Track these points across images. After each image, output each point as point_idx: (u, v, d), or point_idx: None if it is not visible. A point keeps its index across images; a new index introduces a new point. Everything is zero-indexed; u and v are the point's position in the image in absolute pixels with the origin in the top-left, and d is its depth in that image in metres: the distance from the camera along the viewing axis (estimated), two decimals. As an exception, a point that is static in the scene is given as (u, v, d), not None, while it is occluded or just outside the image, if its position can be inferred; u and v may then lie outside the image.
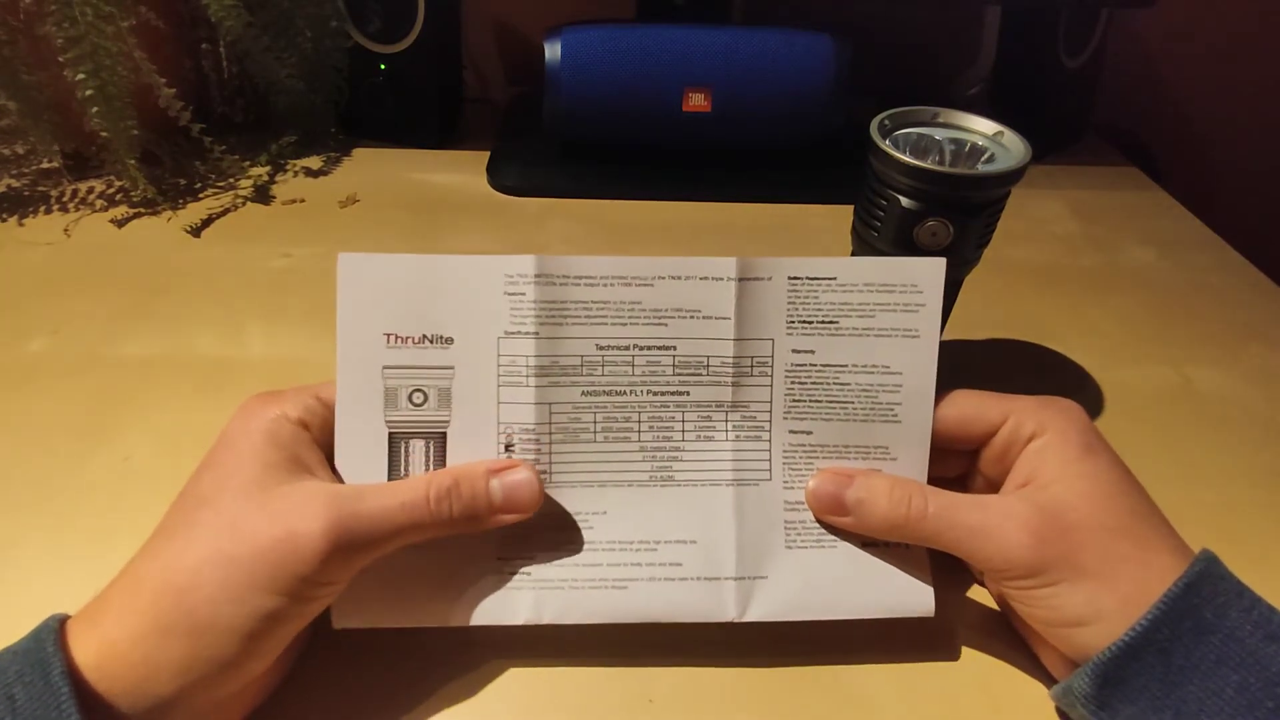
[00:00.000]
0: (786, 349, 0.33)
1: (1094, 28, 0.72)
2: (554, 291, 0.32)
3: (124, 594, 0.27)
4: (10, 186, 0.63)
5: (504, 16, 0.82)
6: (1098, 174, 0.73)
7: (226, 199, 0.63)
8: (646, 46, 0.63)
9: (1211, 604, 0.28)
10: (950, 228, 0.37)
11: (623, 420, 0.32)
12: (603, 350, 0.32)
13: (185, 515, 0.29)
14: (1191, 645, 0.27)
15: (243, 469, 0.29)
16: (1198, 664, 0.27)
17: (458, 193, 0.65)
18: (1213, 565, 0.29)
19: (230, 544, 0.27)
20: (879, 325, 0.33)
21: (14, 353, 0.47)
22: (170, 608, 0.26)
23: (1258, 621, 0.27)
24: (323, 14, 0.65)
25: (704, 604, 0.31)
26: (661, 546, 0.32)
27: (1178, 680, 0.27)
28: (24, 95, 0.58)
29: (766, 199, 0.66)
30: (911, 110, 0.41)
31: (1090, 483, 0.30)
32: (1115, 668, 0.28)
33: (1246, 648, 0.27)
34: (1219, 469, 0.44)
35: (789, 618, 0.31)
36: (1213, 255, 0.63)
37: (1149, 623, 0.27)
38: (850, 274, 0.33)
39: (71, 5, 0.53)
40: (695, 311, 0.33)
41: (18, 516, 0.38)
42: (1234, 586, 0.28)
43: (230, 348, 0.48)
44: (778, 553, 0.32)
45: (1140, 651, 0.27)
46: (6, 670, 0.25)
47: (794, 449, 0.33)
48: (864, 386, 0.33)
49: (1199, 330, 0.54)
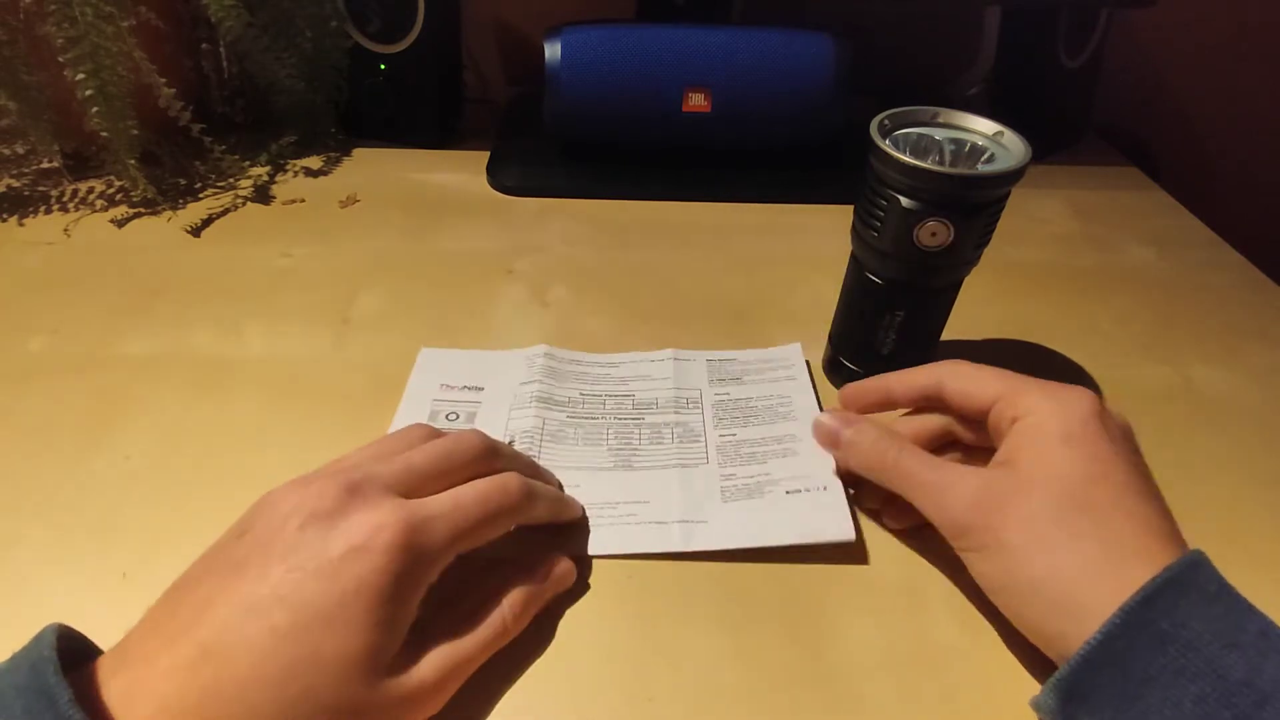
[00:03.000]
0: (711, 393, 0.46)
1: (1094, 28, 0.72)
2: (555, 363, 0.48)
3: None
4: (10, 186, 0.63)
5: (504, 16, 0.82)
6: (1098, 174, 0.73)
7: (226, 199, 0.63)
8: (646, 46, 0.63)
9: (1171, 615, 0.28)
10: (950, 228, 0.37)
11: (596, 434, 0.44)
12: (584, 395, 0.46)
13: (300, 677, 0.27)
14: (1150, 657, 0.27)
15: (367, 644, 0.28)
16: (1156, 675, 0.27)
17: (458, 192, 0.66)
18: (1185, 573, 0.28)
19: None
20: (769, 377, 0.47)
21: (14, 353, 0.47)
22: None
23: (1219, 631, 0.27)
24: (323, 14, 0.65)
25: (654, 539, 0.38)
26: (621, 504, 0.40)
27: (1138, 692, 0.27)
28: (24, 95, 0.58)
29: (766, 199, 0.66)
30: (911, 110, 0.40)
31: (1052, 470, 0.32)
32: (1075, 682, 0.28)
33: (1204, 657, 0.27)
34: (1219, 469, 0.44)
35: (725, 545, 0.38)
36: (1213, 255, 0.63)
37: (1104, 636, 0.28)
38: (745, 356, 0.49)
39: (71, 5, 0.53)
40: (646, 376, 0.47)
41: (17, 516, 0.38)
42: (1207, 593, 0.28)
43: (230, 347, 0.48)
44: (716, 504, 0.40)
45: (1098, 665, 0.28)
46: (12, 707, 0.24)
47: (724, 444, 0.43)
48: (767, 406, 0.45)
49: (1199, 330, 0.54)
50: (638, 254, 0.59)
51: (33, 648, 0.25)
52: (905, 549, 0.38)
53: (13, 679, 0.24)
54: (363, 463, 0.32)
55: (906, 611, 0.36)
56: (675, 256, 0.59)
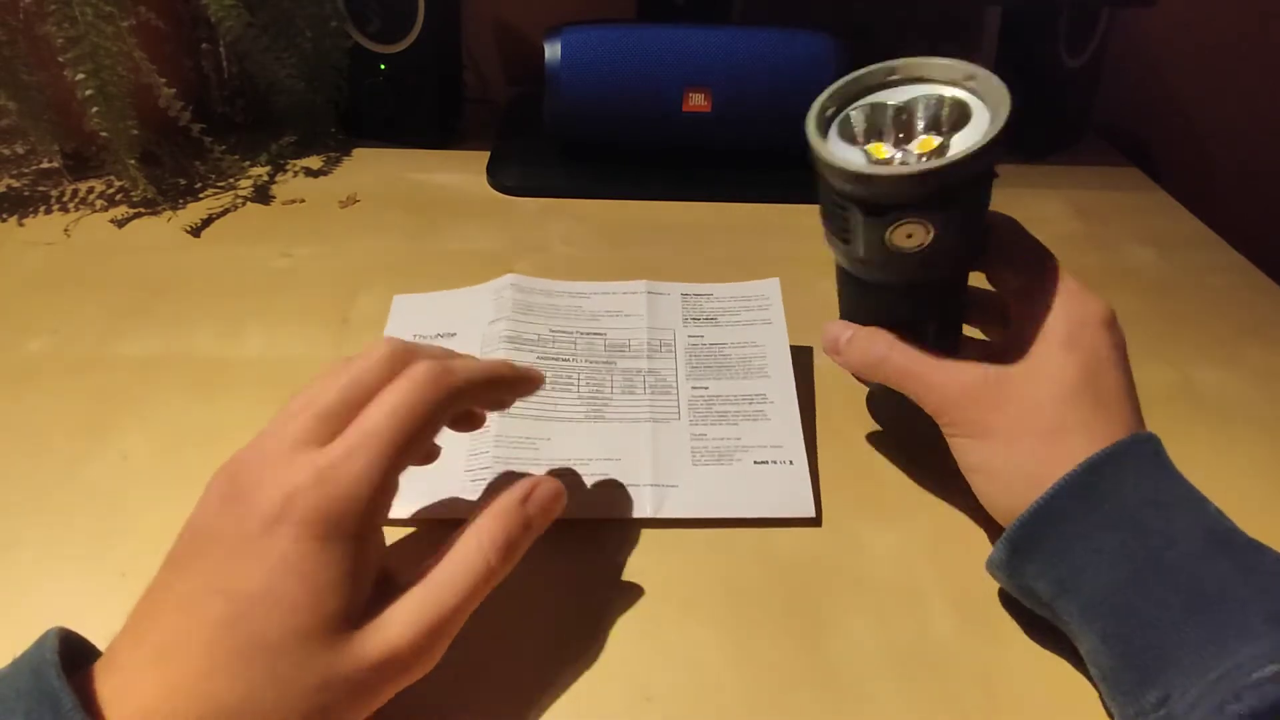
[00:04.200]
0: (684, 335, 0.47)
1: (1094, 27, 0.72)
2: (523, 295, 0.48)
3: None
4: (10, 186, 0.63)
5: (504, 16, 0.82)
6: (1098, 174, 0.73)
7: (226, 199, 0.63)
8: (646, 46, 0.63)
9: (1111, 479, 0.32)
10: (928, 227, 0.32)
11: (566, 378, 0.43)
12: (554, 333, 0.46)
13: (262, 663, 0.25)
14: (1085, 515, 0.31)
15: (328, 614, 0.26)
16: (1089, 531, 0.31)
17: (458, 193, 0.66)
18: (1132, 448, 0.32)
19: (337, 699, 0.26)
20: (744, 319, 0.48)
21: (14, 353, 0.47)
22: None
23: (1149, 495, 0.31)
24: (323, 14, 0.65)
25: (625, 504, 0.39)
26: (593, 462, 0.40)
27: (1071, 545, 0.31)
28: (24, 95, 0.58)
29: (766, 199, 0.66)
30: (862, 76, 0.34)
31: (1042, 371, 0.34)
32: (1020, 535, 0.32)
33: (1129, 512, 0.31)
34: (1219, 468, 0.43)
35: (693, 514, 0.39)
36: (1213, 255, 0.63)
37: (1047, 497, 0.32)
38: (721, 291, 0.50)
39: (71, 5, 0.53)
40: (618, 312, 0.47)
41: (17, 516, 0.38)
42: (1144, 468, 0.32)
43: (230, 348, 0.48)
44: (686, 468, 0.40)
45: (1039, 521, 0.32)
46: (14, 712, 0.23)
47: (696, 399, 0.43)
48: (741, 356, 0.45)
49: (1199, 330, 0.54)
50: (638, 254, 0.59)
51: (34, 652, 0.25)
52: (906, 549, 0.38)
53: (15, 683, 0.24)
54: (275, 425, 0.30)
55: (906, 611, 0.36)
56: (675, 256, 0.59)
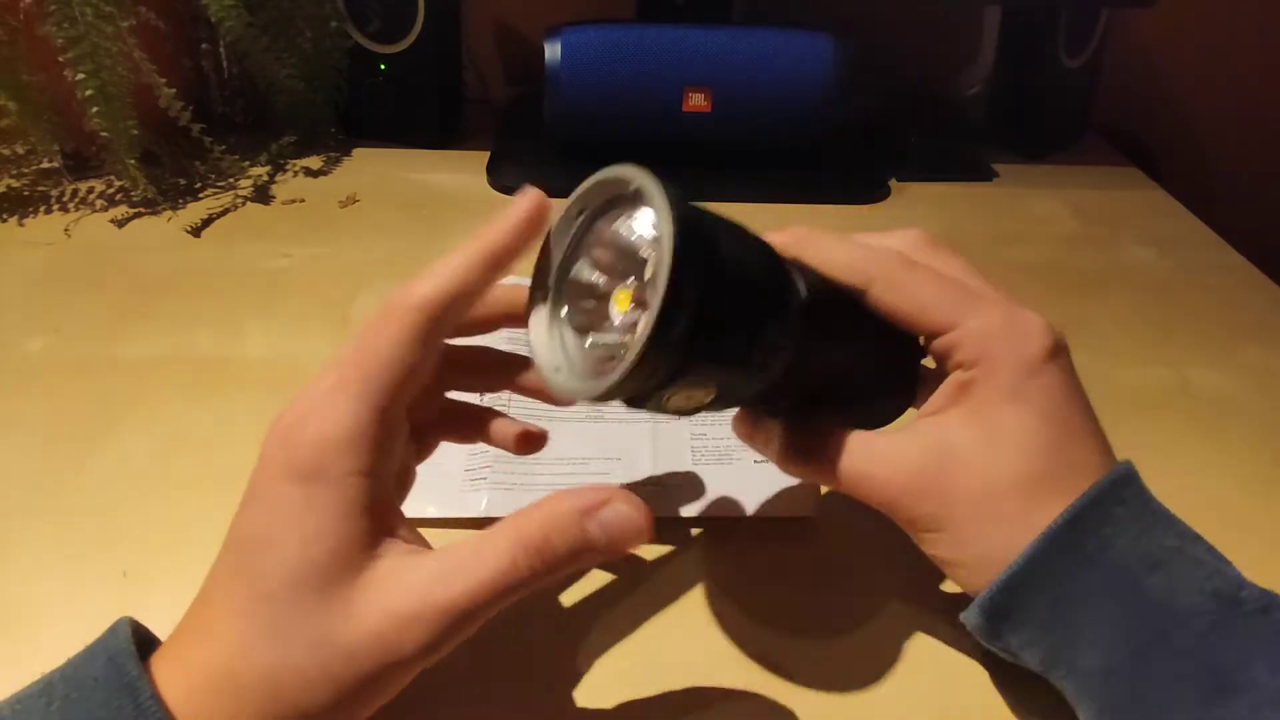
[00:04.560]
0: None
1: (1094, 28, 0.72)
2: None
3: (214, 693, 0.24)
4: (10, 186, 0.63)
5: (504, 16, 0.82)
6: (1098, 174, 0.73)
7: (226, 199, 0.63)
8: (646, 46, 0.63)
9: (1095, 535, 0.28)
10: (696, 393, 0.27)
11: None
12: None
13: (266, 615, 0.24)
14: (1074, 578, 0.28)
15: (316, 561, 0.24)
16: (1080, 596, 0.28)
17: (458, 193, 0.66)
18: (1111, 490, 0.28)
19: (333, 661, 0.24)
20: None
21: (14, 353, 0.47)
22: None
23: (1144, 551, 0.28)
24: (323, 14, 0.65)
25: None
26: (592, 461, 0.40)
27: (1061, 611, 0.28)
28: (24, 95, 0.58)
29: (766, 199, 0.66)
30: (600, 185, 0.28)
31: (996, 434, 0.29)
32: (999, 603, 0.29)
33: (1129, 578, 0.27)
34: (1218, 469, 0.44)
35: (693, 514, 0.38)
36: (1213, 255, 0.63)
37: (1024, 561, 0.28)
38: None
39: (71, 5, 0.53)
40: None
41: (17, 516, 0.38)
42: (1130, 511, 0.28)
43: (230, 348, 0.48)
44: (686, 468, 0.40)
45: (1020, 586, 0.28)
46: (91, 699, 0.23)
47: None
48: None
49: (1199, 330, 0.54)
50: (637, 254, 0.59)
51: (109, 640, 0.25)
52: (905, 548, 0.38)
53: (89, 670, 0.24)
54: None
55: (906, 611, 0.36)
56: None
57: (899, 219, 0.64)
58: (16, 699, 0.24)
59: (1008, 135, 0.76)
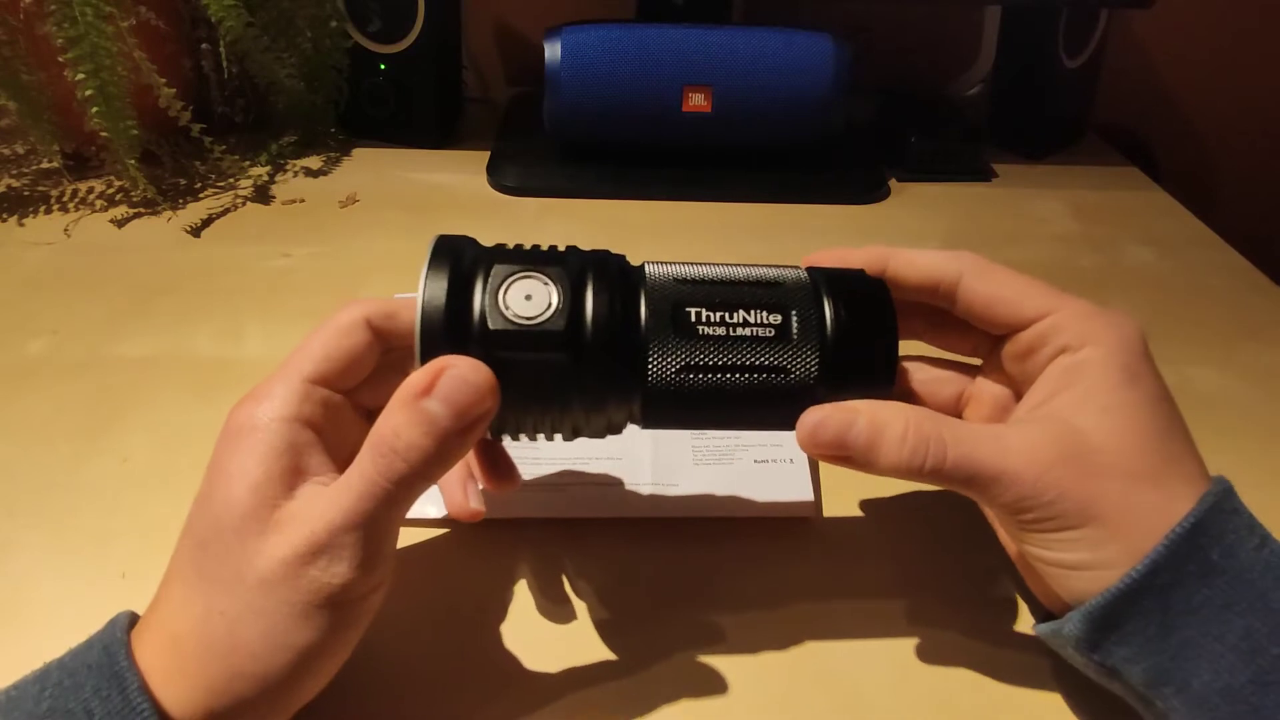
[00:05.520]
0: None
1: (1094, 28, 0.72)
2: None
3: (166, 654, 0.25)
4: (10, 186, 0.63)
5: (504, 16, 0.82)
6: (1098, 174, 0.73)
7: (226, 199, 0.63)
8: (646, 46, 0.63)
9: (1219, 543, 0.26)
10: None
11: None
12: None
13: (195, 564, 0.26)
14: (1194, 588, 0.26)
15: (235, 501, 0.26)
16: (1199, 607, 0.26)
17: (458, 193, 0.66)
18: (1224, 499, 0.27)
19: (253, 597, 0.25)
20: None
21: (14, 353, 0.47)
22: (218, 673, 0.25)
23: (1268, 563, 0.26)
24: (323, 14, 0.65)
25: (626, 504, 0.39)
26: (593, 461, 0.40)
27: (1177, 624, 0.26)
28: (24, 95, 0.58)
29: (766, 199, 0.66)
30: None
31: (1125, 419, 0.28)
32: (1110, 612, 0.26)
33: (1256, 591, 0.25)
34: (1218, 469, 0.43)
35: (694, 514, 0.39)
36: (1213, 255, 0.63)
37: (1149, 567, 0.26)
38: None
39: (71, 5, 0.53)
40: None
41: (17, 516, 0.38)
42: (1245, 521, 0.27)
43: (230, 348, 0.48)
44: (686, 467, 0.40)
45: (1139, 596, 0.26)
46: (83, 686, 0.24)
47: None
48: None
49: (1199, 330, 0.54)
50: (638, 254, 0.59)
51: (107, 631, 0.26)
52: (906, 548, 0.38)
53: (85, 658, 0.25)
54: None
55: (906, 611, 0.36)
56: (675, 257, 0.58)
57: (899, 219, 0.64)
58: (14, 685, 0.25)
59: (1008, 135, 0.76)
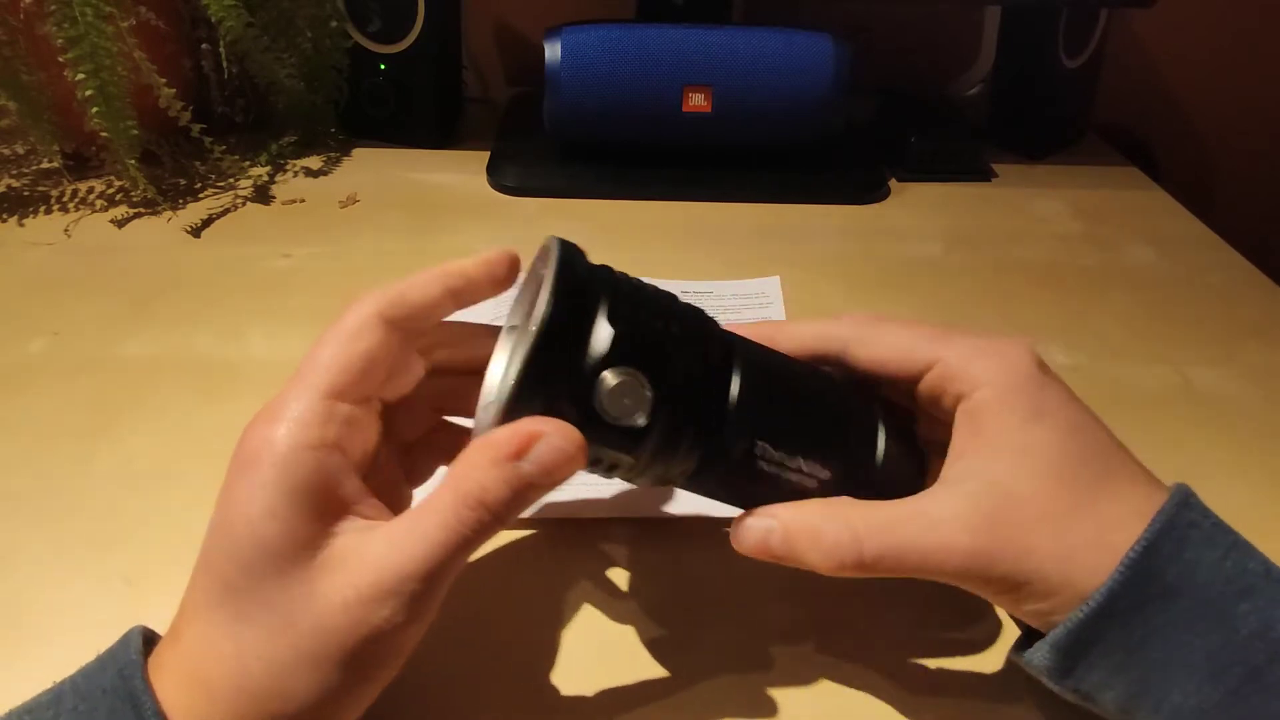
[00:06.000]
0: None
1: (1094, 28, 0.72)
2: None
3: (193, 695, 0.24)
4: (10, 186, 0.63)
5: (504, 16, 0.82)
6: (1098, 174, 0.73)
7: (226, 199, 0.63)
8: (646, 46, 0.63)
9: (1175, 563, 0.26)
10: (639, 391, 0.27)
11: None
12: None
13: (223, 605, 0.25)
14: (1155, 611, 0.26)
15: (265, 541, 0.24)
16: (1162, 628, 0.26)
17: (458, 193, 0.65)
18: (1179, 514, 0.27)
19: (302, 641, 0.24)
20: (744, 317, 0.49)
21: (14, 353, 0.47)
22: (253, 716, 0.24)
23: (1230, 576, 0.26)
24: (323, 14, 0.65)
25: (626, 504, 0.39)
26: None
27: (1142, 645, 0.26)
28: (24, 95, 0.58)
29: (766, 199, 0.66)
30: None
31: (1038, 459, 0.28)
32: (1074, 641, 0.26)
33: (1216, 610, 0.26)
34: (1218, 469, 0.44)
35: (694, 514, 0.39)
36: (1213, 255, 0.63)
37: (1106, 595, 0.26)
38: (721, 289, 0.52)
39: (71, 5, 0.53)
40: None
41: (19, 520, 0.38)
42: (1205, 534, 0.27)
43: (230, 348, 0.48)
44: None
45: (1098, 623, 0.26)
46: (97, 709, 0.24)
47: None
48: None
49: (1199, 330, 0.54)
50: (638, 254, 0.59)
51: (120, 651, 0.25)
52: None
53: (99, 680, 0.24)
54: None
55: (906, 611, 0.36)
56: (675, 256, 0.59)
57: (899, 219, 0.64)
58: (26, 708, 0.24)
59: (1008, 135, 0.76)
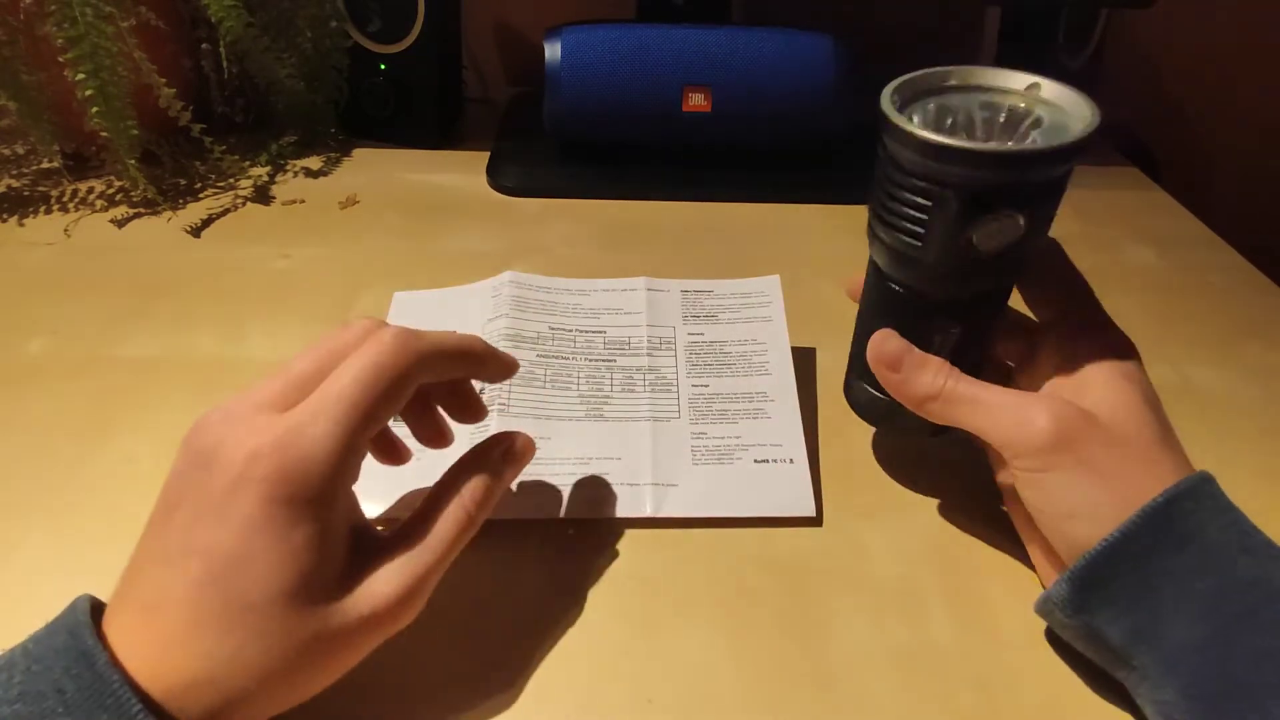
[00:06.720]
0: (684, 332, 0.47)
1: (1094, 28, 0.72)
2: (522, 291, 0.48)
3: (205, 698, 0.25)
4: (10, 186, 0.63)
5: (504, 16, 0.82)
6: (1098, 174, 0.73)
7: (226, 199, 0.63)
8: (646, 46, 0.63)
9: (1192, 518, 0.30)
10: (1021, 220, 0.31)
11: (565, 375, 0.44)
12: (554, 330, 0.46)
13: (247, 618, 0.26)
14: (1169, 554, 0.29)
15: (281, 581, 0.26)
16: (1173, 570, 0.29)
17: (458, 193, 0.66)
18: (1202, 485, 0.31)
19: (332, 649, 0.28)
20: (744, 316, 0.48)
21: (14, 353, 0.47)
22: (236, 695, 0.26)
23: (1235, 539, 0.30)
24: (323, 14, 0.65)
25: (626, 503, 0.39)
26: (593, 462, 0.40)
27: (1154, 584, 0.29)
28: (24, 95, 0.58)
29: (766, 199, 0.66)
30: (921, 76, 0.33)
31: (1122, 398, 0.32)
32: (1091, 572, 0.30)
33: (1220, 558, 0.29)
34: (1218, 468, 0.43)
35: (693, 514, 0.39)
36: (1213, 255, 0.63)
37: (1125, 532, 0.29)
38: (721, 288, 0.50)
39: (71, 5, 0.53)
40: (618, 309, 0.48)
41: (18, 519, 0.38)
42: (1220, 505, 0.31)
43: (230, 348, 0.48)
44: (686, 467, 0.40)
45: (1117, 560, 0.30)
46: (52, 668, 0.24)
47: (696, 397, 0.44)
48: (741, 354, 0.46)
49: (1198, 330, 0.54)
50: (638, 254, 0.59)
51: (68, 615, 0.26)
52: (906, 549, 0.38)
53: (51, 643, 0.25)
54: (246, 390, 0.29)
55: (906, 611, 0.36)
56: (675, 256, 0.59)
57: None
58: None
59: (1008, 135, 0.76)
